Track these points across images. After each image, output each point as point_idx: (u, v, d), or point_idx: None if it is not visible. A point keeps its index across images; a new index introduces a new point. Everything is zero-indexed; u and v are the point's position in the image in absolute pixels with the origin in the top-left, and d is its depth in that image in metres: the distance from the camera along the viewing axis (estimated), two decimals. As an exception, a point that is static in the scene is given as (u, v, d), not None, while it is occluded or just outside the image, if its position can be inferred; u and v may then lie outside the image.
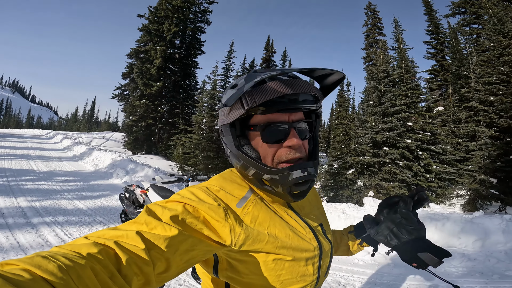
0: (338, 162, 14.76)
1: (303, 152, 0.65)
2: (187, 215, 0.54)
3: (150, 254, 0.46)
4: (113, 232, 0.47)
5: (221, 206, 0.58)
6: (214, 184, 0.65)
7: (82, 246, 0.42)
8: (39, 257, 0.36)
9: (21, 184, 7.01)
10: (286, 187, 0.61)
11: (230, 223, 0.56)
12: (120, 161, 10.52)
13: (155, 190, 3.96)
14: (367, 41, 19.24)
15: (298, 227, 0.67)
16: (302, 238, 0.66)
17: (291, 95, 0.59)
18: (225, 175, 0.70)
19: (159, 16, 18.78)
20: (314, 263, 0.67)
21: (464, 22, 14.30)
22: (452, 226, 3.92)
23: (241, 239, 0.57)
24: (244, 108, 0.59)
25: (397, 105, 10.63)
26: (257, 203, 0.64)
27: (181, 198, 0.58)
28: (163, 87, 18.91)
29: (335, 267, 3.39)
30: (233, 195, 0.63)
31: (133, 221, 0.51)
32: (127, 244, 0.45)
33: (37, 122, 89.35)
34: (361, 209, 4.88)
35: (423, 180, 10.20)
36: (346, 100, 23.35)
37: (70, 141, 17.93)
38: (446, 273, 3.18)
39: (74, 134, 28.83)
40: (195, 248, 0.52)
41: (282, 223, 0.64)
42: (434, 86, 15.38)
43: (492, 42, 10.03)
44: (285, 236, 0.63)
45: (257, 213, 0.62)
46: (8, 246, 3.48)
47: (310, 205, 0.78)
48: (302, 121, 0.65)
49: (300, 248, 0.64)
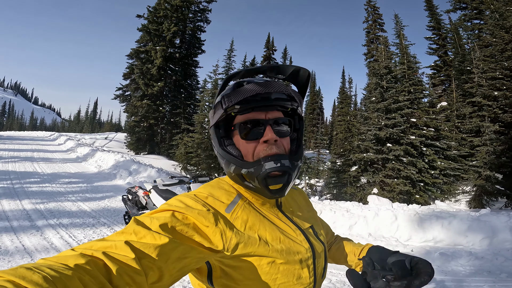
0: (341, 159, 14.71)
1: (282, 149, 0.66)
2: (177, 222, 0.53)
3: (141, 263, 0.45)
4: (101, 243, 0.46)
5: (210, 212, 0.58)
6: (201, 191, 0.66)
7: (68, 258, 0.41)
8: (23, 268, 0.35)
9: (26, 186, 7.06)
10: (261, 180, 0.62)
11: (220, 228, 0.56)
12: (123, 162, 10.55)
13: (157, 192, 3.97)
14: (368, 38, 19.11)
15: (288, 230, 0.68)
16: (293, 240, 0.66)
17: (263, 93, 0.63)
18: (212, 183, 0.71)
19: (158, 16, 18.74)
20: (309, 265, 0.66)
21: (466, 18, 14.21)
22: (459, 224, 3.88)
23: (233, 243, 0.57)
24: (223, 108, 0.64)
25: (400, 101, 10.53)
26: (245, 207, 0.65)
27: (169, 206, 0.58)
28: (164, 87, 18.92)
29: (339, 267, 3.36)
30: (221, 200, 0.64)
31: (121, 232, 0.50)
32: (116, 254, 0.44)
33: (40, 124, 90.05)
34: (366, 207, 4.84)
35: (428, 176, 10.12)
36: (348, 97, 23.24)
37: (74, 143, 18.03)
38: (454, 272, 3.14)
39: (77, 136, 29.00)
40: (187, 256, 0.51)
41: (271, 226, 0.65)
42: (437, 81, 15.25)
43: (495, 38, 9.93)
44: (275, 238, 0.63)
45: (246, 217, 0.62)
46: (13, 249, 3.50)
47: (300, 208, 0.79)
48: (281, 119, 0.68)
49: (292, 251, 0.64)
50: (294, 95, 0.67)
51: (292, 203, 0.77)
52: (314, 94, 38.36)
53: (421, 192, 10.15)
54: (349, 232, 4.33)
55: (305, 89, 0.74)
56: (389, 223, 4.31)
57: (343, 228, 4.39)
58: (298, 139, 0.73)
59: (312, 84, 39.34)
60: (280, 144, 0.66)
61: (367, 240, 4.04)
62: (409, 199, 10.15)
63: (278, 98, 0.65)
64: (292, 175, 0.64)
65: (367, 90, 12.85)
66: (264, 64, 0.70)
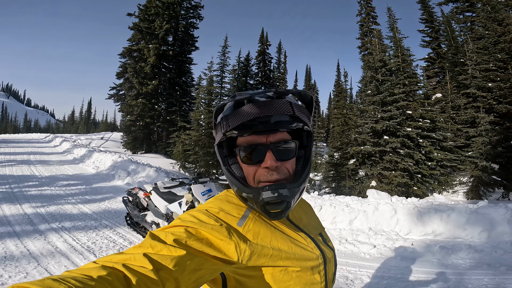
0: (339, 152, 14.78)
1: (284, 172, 0.65)
2: (191, 237, 0.55)
3: (158, 274, 0.47)
4: (120, 256, 0.49)
5: (223, 226, 0.59)
6: (212, 206, 0.66)
7: (91, 270, 0.43)
8: (49, 280, 0.37)
9: (24, 190, 7.01)
10: (260, 206, 0.63)
11: (234, 240, 0.58)
12: (121, 162, 10.50)
13: (158, 193, 3.96)
14: (361, 31, 19.07)
15: (299, 238, 0.69)
16: (304, 248, 0.68)
17: (262, 117, 0.61)
18: (220, 197, 0.72)
19: (149, 13, 18.50)
20: (320, 271, 0.69)
21: (458, 10, 14.36)
22: (458, 217, 3.94)
23: (247, 255, 0.58)
24: (222, 131, 0.64)
25: (396, 94, 10.58)
26: (256, 220, 0.66)
27: (182, 222, 0.59)
28: (158, 85, 18.77)
29: (342, 261, 3.42)
30: (233, 214, 0.65)
31: (139, 246, 0.52)
32: (135, 266, 0.46)
33: (34, 126, 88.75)
34: (365, 202, 4.90)
35: (425, 168, 10.23)
36: (344, 90, 23.26)
37: (70, 144, 17.86)
38: (454, 265, 3.21)
39: (73, 136, 28.73)
40: (202, 267, 0.53)
41: (283, 236, 0.66)
42: (431, 73, 15.38)
43: (487, 30, 10.02)
44: (288, 248, 0.64)
45: (258, 229, 0.64)
46: (19, 254, 3.50)
47: (307, 216, 0.81)
48: (286, 141, 0.65)
49: (304, 258, 0.66)
50: (299, 114, 0.64)
51: (300, 212, 0.79)
52: (309, 88, 38.36)
53: (419, 184, 10.27)
54: (349, 227, 4.39)
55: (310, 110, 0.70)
56: (389, 217, 4.38)
57: (344, 223, 4.46)
58: (306, 157, 0.70)
59: (307, 77, 39.26)
60: (282, 169, 0.64)
61: (367, 234, 4.11)
62: (407, 191, 10.27)
63: (279, 121, 0.62)
64: (291, 202, 0.64)
65: (363, 83, 12.86)
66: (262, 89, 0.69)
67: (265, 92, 0.64)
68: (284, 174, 0.65)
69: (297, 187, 0.64)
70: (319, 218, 3.39)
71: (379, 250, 3.66)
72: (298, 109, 0.63)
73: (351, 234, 4.20)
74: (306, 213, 0.81)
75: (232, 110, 0.64)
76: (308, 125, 0.68)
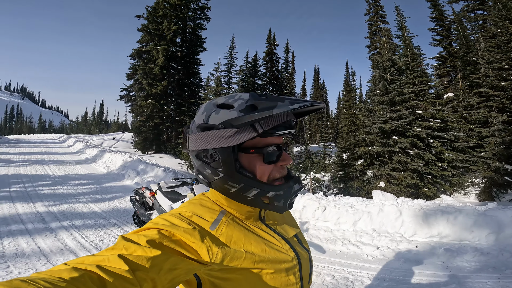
0: (347, 152, 14.64)
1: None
2: (164, 238, 0.55)
3: (135, 275, 0.46)
4: (93, 258, 0.48)
5: (196, 229, 0.60)
6: (185, 210, 0.67)
7: (62, 271, 0.42)
8: (18, 280, 0.37)
9: (38, 189, 7.26)
10: (288, 199, 0.67)
11: (206, 244, 0.58)
12: (131, 162, 10.72)
13: (163, 193, 4.06)
14: (370, 30, 18.83)
15: (273, 240, 0.70)
16: (278, 250, 0.69)
17: (289, 121, 0.67)
18: (194, 201, 0.72)
19: (157, 15, 18.79)
20: (295, 272, 0.70)
21: (469, 8, 14.03)
22: (465, 219, 3.86)
23: (219, 258, 0.59)
24: (258, 131, 0.62)
25: (405, 93, 10.41)
26: (229, 223, 0.67)
27: (154, 225, 0.59)
28: (167, 86, 19.04)
29: (343, 263, 3.41)
30: (205, 218, 0.65)
31: (111, 248, 0.52)
32: (110, 267, 0.46)
33: (49, 126, 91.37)
34: (370, 203, 4.85)
35: (436, 168, 10.02)
36: (352, 90, 23.00)
37: (82, 144, 18.35)
38: (458, 268, 3.16)
39: (85, 137, 29.47)
40: (178, 267, 0.53)
41: (257, 239, 0.67)
42: (443, 72, 15.04)
43: (499, 28, 9.72)
44: (261, 250, 0.65)
45: (231, 233, 0.65)
46: (29, 251, 3.64)
47: (283, 219, 0.82)
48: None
49: (278, 260, 0.67)
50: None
51: (275, 214, 0.79)
52: (318, 87, 38.07)
53: (429, 185, 10.07)
54: (353, 228, 4.36)
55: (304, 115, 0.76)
56: (394, 218, 4.33)
57: (347, 224, 4.43)
58: None
59: (316, 77, 38.99)
60: None
61: (371, 236, 4.08)
62: (417, 192, 10.08)
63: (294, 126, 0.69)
64: None
65: (371, 83, 12.71)
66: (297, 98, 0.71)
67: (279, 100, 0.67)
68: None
69: None
70: (324, 219, 3.40)
71: (382, 252, 3.62)
72: None
73: (354, 235, 4.17)
74: (281, 216, 0.82)
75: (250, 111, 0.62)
76: None
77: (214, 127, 0.64)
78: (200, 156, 0.68)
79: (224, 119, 0.62)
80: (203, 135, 0.65)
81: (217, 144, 0.63)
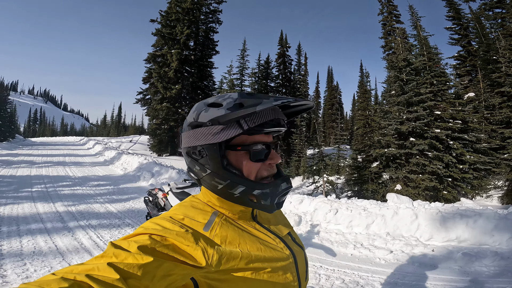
0: (362, 155, 14.33)
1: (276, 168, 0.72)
2: (156, 243, 0.53)
3: (127, 283, 0.45)
4: (82, 266, 0.46)
5: (189, 232, 0.58)
6: (176, 213, 0.66)
7: (50, 282, 0.41)
8: None
9: (58, 190, 7.57)
10: (275, 198, 0.67)
11: (201, 246, 0.57)
12: (146, 164, 10.99)
13: (174, 194, 4.12)
14: (384, 30, 18.41)
15: (268, 239, 0.70)
16: (274, 249, 0.68)
17: (277, 119, 0.67)
18: (185, 203, 0.71)
19: (170, 19, 19.24)
20: (292, 270, 0.69)
21: (486, 7, 13.46)
22: (485, 223, 3.68)
23: (215, 259, 0.57)
24: (243, 128, 0.62)
25: (422, 94, 10.09)
26: (223, 224, 0.66)
27: (145, 230, 0.57)
28: (182, 89, 19.43)
29: (354, 266, 3.33)
30: (198, 220, 0.64)
31: (101, 256, 0.50)
32: (100, 276, 0.44)
33: (70, 129, 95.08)
34: (384, 206, 4.72)
35: (456, 171, 9.63)
36: (367, 91, 22.53)
37: (101, 147, 19.01)
38: (477, 272, 3.01)
39: (104, 139, 30.52)
40: (172, 273, 0.52)
41: (251, 238, 0.67)
42: (463, 72, 14.49)
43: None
44: (256, 249, 0.65)
45: (225, 233, 0.64)
46: (47, 250, 3.79)
47: (275, 217, 0.81)
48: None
49: (274, 258, 0.66)
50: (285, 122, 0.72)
51: (267, 214, 0.78)
52: (332, 89, 37.57)
53: (449, 188, 9.69)
54: (366, 232, 4.25)
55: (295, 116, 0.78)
56: (409, 222, 4.18)
57: (360, 228, 4.32)
58: None
59: (329, 79, 38.52)
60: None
61: (385, 239, 3.96)
62: (436, 195, 9.72)
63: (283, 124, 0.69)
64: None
65: (387, 84, 12.42)
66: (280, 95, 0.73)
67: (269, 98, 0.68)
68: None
69: None
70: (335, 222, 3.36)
71: (396, 256, 3.51)
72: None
73: (367, 238, 4.06)
74: (274, 214, 0.81)
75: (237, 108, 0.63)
76: None
77: (203, 124, 0.65)
78: (190, 153, 0.69)
79: (212, 116, 0.63)
80: (192, 133, 0.67)
81: (205, 140, 0.65)
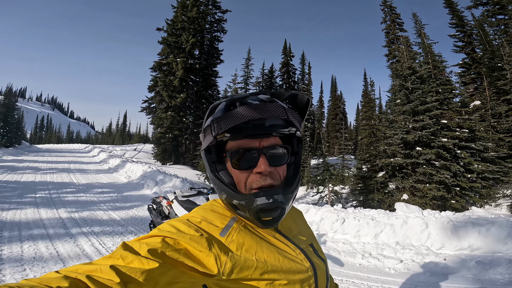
0: (367, 164, 14.18)
1: (277, 178, 0.63)
2: (167, 247, 0.52)
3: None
4: (86, 266, 0.46)
5: (203, 236, 0.56)
6: (195, 215, 0.64)
7: (51, 280, 0.41)
8: (6, 287, 0.36)
9: (62, 196, 7.56)
10: (253, 213, 0.61)
11: (214, 252, 0.55)
12: (150, 173, 10.99)
13: (179, 202, 4.07)
14: (388, 38, 18.52)
15: (288, 250, 0.65)
16: (293, 260, 0.64)
17: (256, 120, 0.59)
18: (205, 206, 0.69)
19: (176, 28, 19.60)
20: (310, 284, 0.64)
21: (489, 13, 13.51)
22: (498, 231, 3.57)
23: (228, 267, 0.55)
24: (212, 135, 0.61)
25: (428, 102, 10.03)
26: (241, 230, 0.63)
27: (160, 232, 0.56)
28: (186, 98, 19.60)
29: (363, 276, 3.21)
30: (215, 224, 0.62)
31: (109, 256, 0.50)
32: (101, 278, 0.44)
33: (76, 136, 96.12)
34: (393, 215, 4.61)
35: (464, 180, 9.47)
36: (371, 100, 22.52)
37: (106, 154, 19.12)
38: (491, 280, 2.89)
39: (109, 147, 30.72)
40: (179, 281, 0.50)
41: (270, 247, 0.63)
42: (468, 80, 14.43)
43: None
44: (274, 259, 0.61)
45: (242, 240, 0.60)
46: (48, 256, 3.73)
47: (298, 227, 0.77)
48: (278, 146, 0.63)
49: (293, 270, 0.62)
50: (292, 119, 0.62)
51: (290, 221, 0.74)
52: (336, 99, 37.62)
53: (457, 197, 9.51)
54: (374, 241, 4.13)
55: (304, 114, 0.70)
56: (419, 231, 4.06)
57: (368, 237, 4.20)
58: (296, 164, 0.69)
59: (333, 88, 38.64)
60: (274, 174, 0.63)
61: (394, 249, 3.83)
62: (443, 204, 9.52)
63: (273, 124, 0.61)
64: (285, 209, 0.63)
65: (392, 92, 12.39)
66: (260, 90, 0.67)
67: (258, 94, 0.63)
68: (277, 180, 0.63)
69: (291, 193, 0.63)
70: (342, 231, 3.25)
71: (406, 265, 3.39)
72: (291, 113, 0.62)
73: (375, 248, 3.94)
74: (296, 223, 0.77)
75: (223, 112, 0.61)
76: (299, 131, 0.67)
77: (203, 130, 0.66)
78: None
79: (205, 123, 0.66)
80: (201, 137, 0.68)
81: (203, 146, 0.67)
